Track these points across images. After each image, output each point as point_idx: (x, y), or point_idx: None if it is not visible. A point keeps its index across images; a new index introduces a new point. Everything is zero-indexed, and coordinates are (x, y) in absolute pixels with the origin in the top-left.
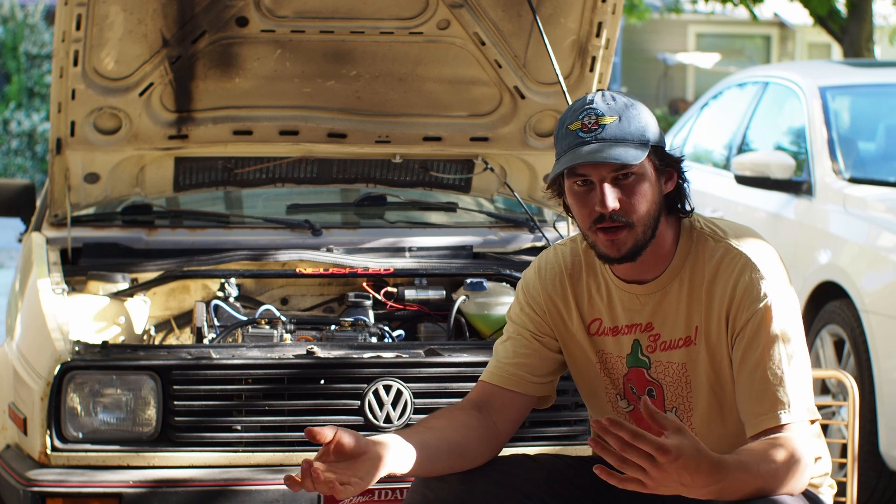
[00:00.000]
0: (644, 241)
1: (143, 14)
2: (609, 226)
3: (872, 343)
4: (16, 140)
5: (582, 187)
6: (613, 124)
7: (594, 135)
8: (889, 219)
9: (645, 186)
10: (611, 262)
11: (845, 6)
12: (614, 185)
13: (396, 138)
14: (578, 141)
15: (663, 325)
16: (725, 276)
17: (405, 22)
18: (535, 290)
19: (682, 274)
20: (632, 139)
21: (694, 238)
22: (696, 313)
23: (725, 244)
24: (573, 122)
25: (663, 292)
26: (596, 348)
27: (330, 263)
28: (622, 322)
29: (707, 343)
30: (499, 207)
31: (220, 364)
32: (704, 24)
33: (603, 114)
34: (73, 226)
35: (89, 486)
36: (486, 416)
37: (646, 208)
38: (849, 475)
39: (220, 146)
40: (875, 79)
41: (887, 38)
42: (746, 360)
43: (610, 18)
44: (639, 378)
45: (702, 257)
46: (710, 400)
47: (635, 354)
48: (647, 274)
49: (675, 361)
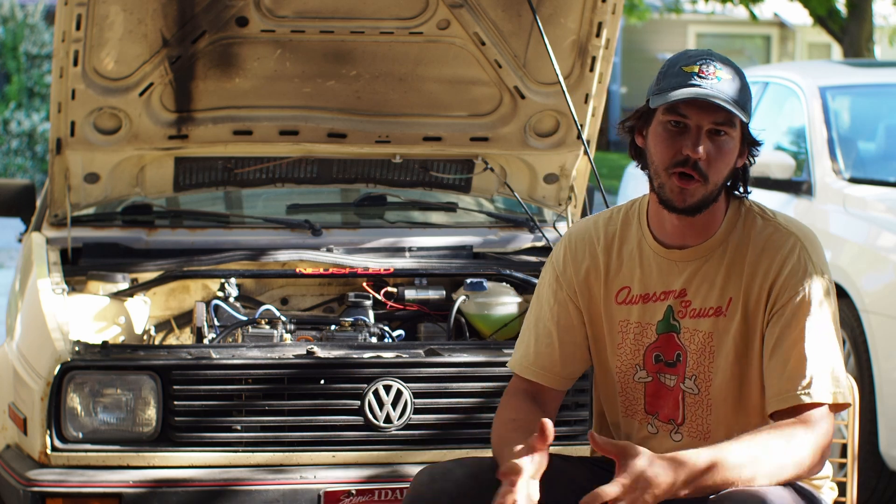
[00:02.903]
0: (709, 200)
1: (143, 14)
2: (688, 172)
3: (872, 343)
4: (16, 140)
5: (674, 128)
6: (728, 81)
7: (709, 83)
8: (889, 219)
9: (731, 149)
10: (673, 209)
11: (845, 6)
12: (707, 138)
13: (396, 138)
14: (692, 82)
15: (696, 293)
16: (772, 252)
17: (405, 22)
18: (565, 262)
19: (725, 244)
20: (739, 101)
21: (742, 213)
22: (732, 285)
23: (775, 223)
24: (689, 65)
25: (703, 260)
26: (619, 318)
27: (330, 263)
28: (655, 289)
29: (743, 316)
30: (499, 207)
31: (220, 364)
32: (704, 24)
33: (721, 68)
34: (73, 226)
35: (89, 486)
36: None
37: (724, 169)
38: (849, 475)
39: (220, 146)
40: (875, 79)
41: (887, 38)
42: (784, 337)
43: (610, 18)
44: (669, 343)
45: (748, 232)
46: (733, 372)
47: (667, 320)
48: (690, 239)
49: (701, 330)
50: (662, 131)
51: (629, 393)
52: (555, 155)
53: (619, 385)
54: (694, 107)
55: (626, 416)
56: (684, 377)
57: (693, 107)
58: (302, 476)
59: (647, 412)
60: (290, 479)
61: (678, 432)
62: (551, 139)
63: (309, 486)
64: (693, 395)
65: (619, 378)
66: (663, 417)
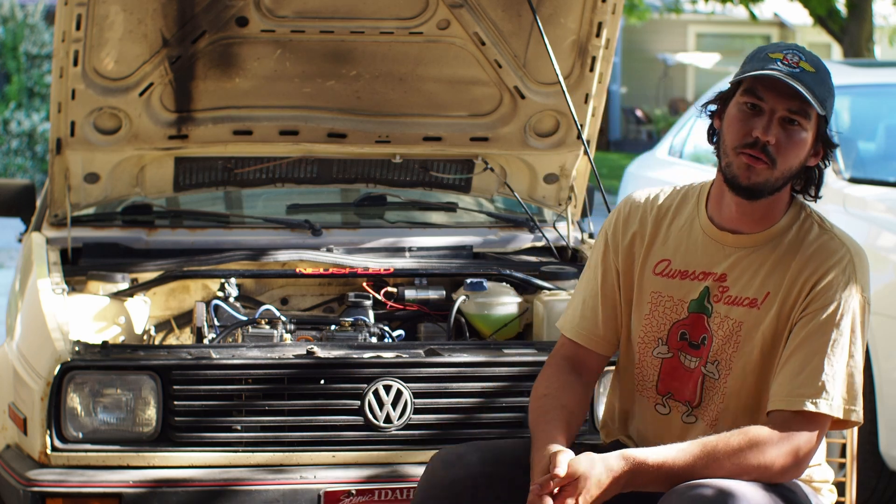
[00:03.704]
0: (773, 186)
1: (143, 14)
2: (756, 153)
3: (872, 343)
4: (16, 140)
5: (749, 110)
6: (812, 74)
7: (793, 72)
8: (889, 219)
9: (803, 139)
10: (736, 187)
11: (845, 6)
12: (780, 125)
13: (396, 138)
14: (774, 66)
15: (737, 281)
16: (821, 259)
17: (405, 22)
18: (616, 225)
19: (777, 240)
20: (818, 95)
21: (801, 217)
22: (774, 281)
23: (830, 233)
24: (776, 52)
25: (751, 250)
26: (652, 289)
27: (330, 263)
28: (696, 268)
29: (777, 313)
30: (499, 207)
31: (220, 364)
32: (704, 24)
33: (807, 60)
34: (73, 226)
35: (89, 486)
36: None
37: (793, 159)
38: (848, 475)
39: (220, 146)
40: (875, 79)
41: (887, 38)
42: (809, 341)
43: (610, 18)
44: (697, 324)
45: (803, 235)
46: (754, 366)
47: (701, 301)
48: (746, 227)
49: (732, 318)
50: (737, 112)
51: (645, 368)
52: (555, 155)
53: (637, 356)
54: (771, 90)
55: (639, 393)
56: (707, 361)
57: (770, 90)
58: (302, 476)
59: (659, 391)
60: (290, 479)
61: (692, 415)
62: (551, 139)
63: (309, 486)
64: (713, 379)
65: (639, 349)
66: (680, 397)
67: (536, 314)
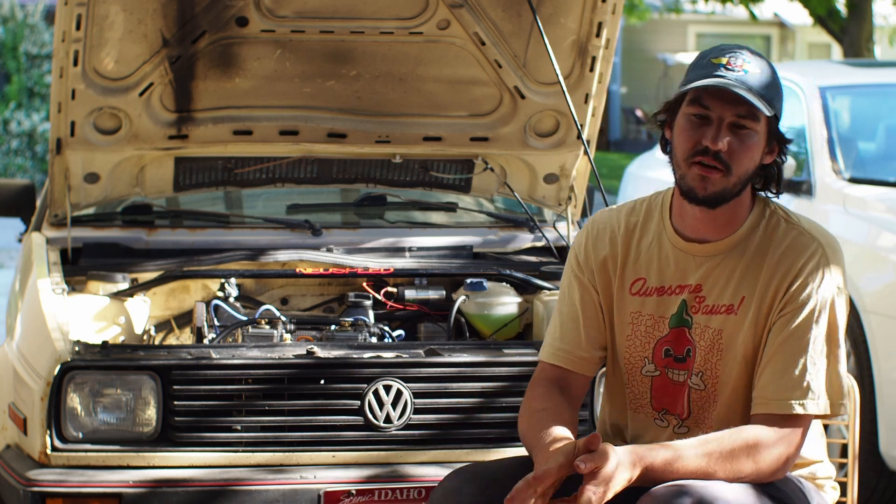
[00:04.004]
0: (730, 193)
1: (143, 14)
2: (708, 162)
3: (872, 343)
4: (16, 140)
5: (697, 119)
6: (756, 75)
7: (735, 76)
8: (889, 219)
9: (754, 144)
10: (693, 198)
11: (845, 6)
12: (728, 130)
13: (396, 138)
14: (717, 73)
15: (711, 289)
16: (793, 257)
17: (405, 22)
18: (586, 249)
19: (745, 243)
20: (765, 96)
21: (766, 215)
22: (747, 285)
23: (799, 228)
24: (718, 57)
25: (722, 257)
26: (632, 309)
27: (330, 263)
28: (671, 282)
29: (754, 316)
30: (499, 207)
31: (220, 364)
32: (704, 24)
33: (750, 62)
34: (73, 226)
35: (89, 486)
36: (566, 396)
37: (747, 163)
38: (849, 475)
39: (220, 146)
40: (875, 79)
41: (887, 38)
42: (789, 342)
43: (610, 18)
44: (680, 338)
45: (771, 234)
46: (741, 372)
47: (680, 314)
48: (712, 234)
49: (712, 326)
50: (685, 122)
51: (636, 386)
52: (555, 155)
53: (626, 376)
54: (716, 98)
55: (633, 411)
56: (692, 373)
57: (715, 98)
58: (302, 476)
59: (654, 408)
60: (290, 479)
61: (684, 425)
62: (551, 139)
63: (309, 486)
64: (699, 390)
65: (627, 369)
66: (674, 411)
67: (536, 314)
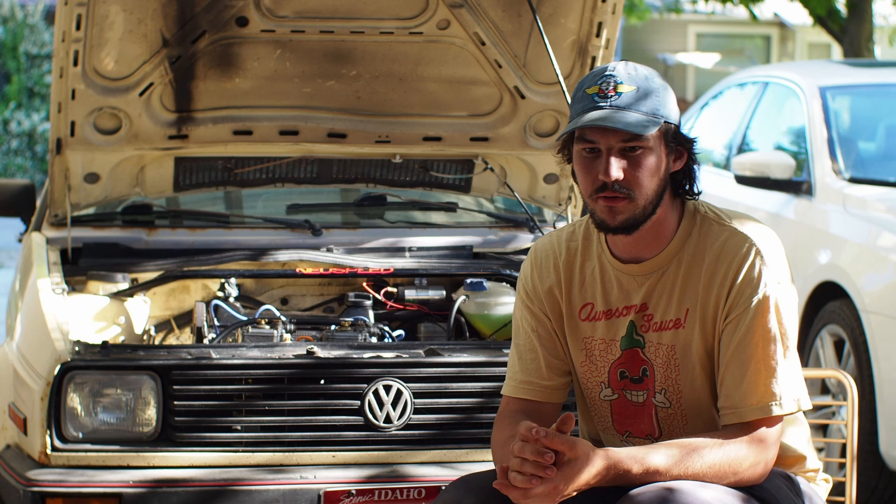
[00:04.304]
0: (643, 216)
1: (143, 14)
2: (610, 195)
3: (872, 343)
4: (16, 140)
5: (589, 154)
6: (630, 94)
7: (609, 101)
8: (889, 219)
9: (651, 161)
10: (607, 230)
11: (845, 6)
12: (621, 156)
13: (396, 138)
14: (591, 105)
15: (657, 306)
16: (728, 260)
17: (405, 22)
18: (532, 279)
19: (680, 255)
20: (646, 111)
21: (697, 221)
22: (689, 296)
23: (731, 229)
24: (591, 86)
25: (660, 272)
26: (584, 334)
27: (330, 263)
28: (617, 304)
29: (701, 326)
30: (499, 207)
31: (220, 364)
32: (704, 24)
33: (622, 81)
34: (73, 226)
35: (89, 486)
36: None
37: (649, 183)
38: (848, 475)
39: (220, 146)
40: (875, 79)
41: (887, 38)
42: (741, 348)
43: (610, 18)
44: (634, 359)
45: (704, 240)
46: (703, 383)
47: (630, 335)
48: (645, 253)
49: (664, 343)
50: (580, 160)
51: (598, 411)
52: (555, 155)
53: (588, 401)
54: (598, 131)
55: (603, 432)
56: (654, 392)
57: (598, 131)
58: (302, 476)
59: (618, 431)
60: (290, 479)
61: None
62: (551, 139)
63: (309, 486)
64: (665, 408)
65: (587, 395)
66: (638, 433)
67: None
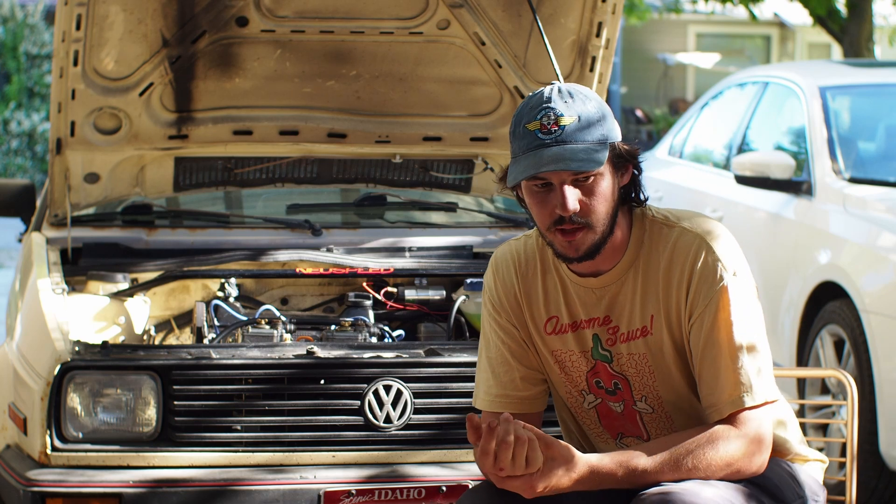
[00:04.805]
0: (602, 240)
1: (143, 14)
2: (568, 227)
3: (872, 343)
4: (16, 140)
5: (541, 189)
6: (573, 125)
7: (553, 137)
8: (889, 219)
9: (604, 185)
10: (569, 261)
11: (845, 6)
12: (574, 186)
13: (396, 138)
14: (538, 143)
15: (621, 317)
16: (681, 260)
17: (405, 22)
18: (496, 290)
19: (636, 263)
20: (591, 140)
21: (647, 226)
22: (651, 302)
23: (679, 228)
24: (531, 122)
25: (619, 283)
26: (553, 347)
27: (330, 263)
28: (581, 317)
29: (668, 329)
30: (499, 207)
31: (220, 364)
32: (704, 24)
33: (562, 114)
34: (73, 226)
35: (89, 486)
36: None
37: (604, 208)
38: (848, 475)
39: (220, 146)
40: (875, 79)
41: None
42: (709, 346)
43: (610, 18)
44: (604, 372)
45: (656, 245)
46: (682, 385)
47: (596, 349)
48: (601, 266)
49: (635, 353)
50: (532, 195)
51: (584, 418)
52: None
53: (572, 410)
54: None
55: (595, 436)
56: (634, 400)
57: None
58: (302, 476)
59: (611, 435)
60: (290, 479)
61: None
62: None
63: (309, 486)
64: (650, 414)
65: (570, 405)
66: (631, 434)
67: None
